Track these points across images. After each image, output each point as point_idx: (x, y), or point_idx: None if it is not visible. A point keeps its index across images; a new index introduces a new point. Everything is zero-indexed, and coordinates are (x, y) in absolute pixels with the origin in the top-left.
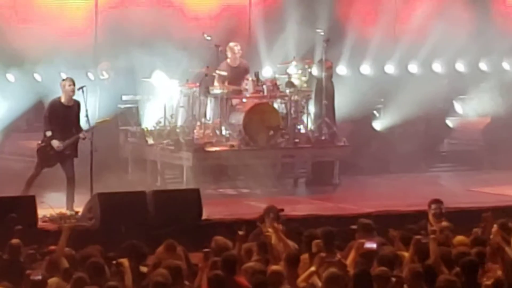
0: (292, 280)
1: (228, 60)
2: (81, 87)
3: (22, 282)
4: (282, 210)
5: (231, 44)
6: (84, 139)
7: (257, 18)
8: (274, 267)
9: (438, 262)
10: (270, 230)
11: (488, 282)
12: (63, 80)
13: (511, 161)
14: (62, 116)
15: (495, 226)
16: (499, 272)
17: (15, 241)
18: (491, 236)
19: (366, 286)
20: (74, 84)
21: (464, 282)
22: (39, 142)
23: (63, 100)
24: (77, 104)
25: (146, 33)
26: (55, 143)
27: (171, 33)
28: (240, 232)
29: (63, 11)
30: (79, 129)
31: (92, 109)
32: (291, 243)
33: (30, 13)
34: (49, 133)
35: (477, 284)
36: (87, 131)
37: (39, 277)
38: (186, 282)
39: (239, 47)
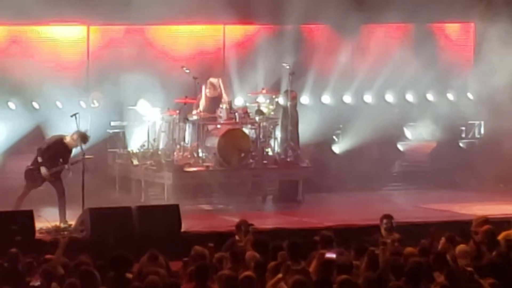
0: (260, 286)
1: (207, 91)
2: (74, 114)
3: None
4: (252, 225)
5: (213, 80)
6: (68, 170)
7: (230, 56)
8: (246, 273)
9: (387, 270)
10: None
11: None
12: (77, 135)
13: (454, 181)
14: (58, 153)
15: (443, 238)
16: (442, 279)
17: (13, 250)
18: (439, 247)
19: None
20: (84, 142)
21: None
22: (28, 165)
23: (66, 142)
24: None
25: (132, 67)
26: (43, 170)
27: (154, 67)
28: (210, 245)
29: (59, 48)
30: (66, 161)
31: None
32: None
33: (30, 49)
34: (40, 159)
35: None
36: (72, 163)
37: (38, 284)
38: None
39: (220, 83)
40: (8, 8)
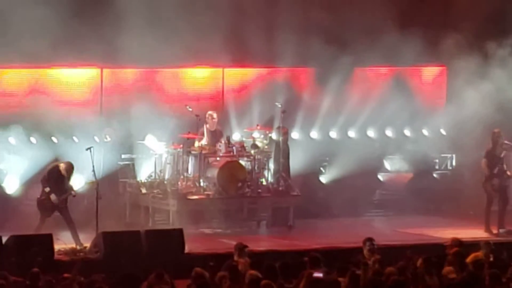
0: None
1: (207, 125)
2: (89, 148)
3: None
4: (248, 247)
5: (210, 112)
6: (74, 196)
7: (229, 96)
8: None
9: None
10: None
11: None
12: (65, 166)
13: (428, 207)
14: (55, 179)
15: (420, 259)
16: None
17: (35, 269)
18: (417, 267)
19: None
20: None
21: None
22: (39, 196)
23: (61, 169)
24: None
25: (141, 106)
26: (53, 197)
27: (160, 106)
28: (211, 263)
29: (75, 88)
30: (70, 188)
31: (97, 165)
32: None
33: (50, 90)
34: (47, 189)
35: None
36: (77, 190)
37: None
38: None
39: (216, 115)
40: (31, 53)
